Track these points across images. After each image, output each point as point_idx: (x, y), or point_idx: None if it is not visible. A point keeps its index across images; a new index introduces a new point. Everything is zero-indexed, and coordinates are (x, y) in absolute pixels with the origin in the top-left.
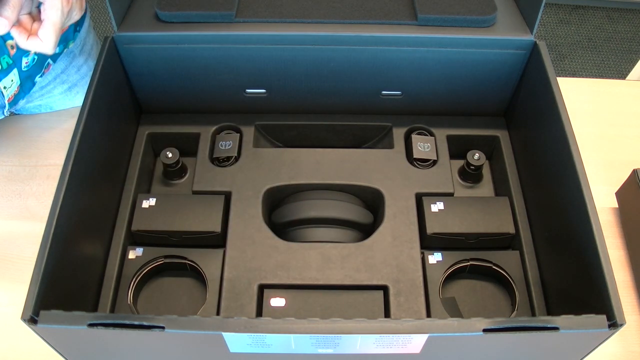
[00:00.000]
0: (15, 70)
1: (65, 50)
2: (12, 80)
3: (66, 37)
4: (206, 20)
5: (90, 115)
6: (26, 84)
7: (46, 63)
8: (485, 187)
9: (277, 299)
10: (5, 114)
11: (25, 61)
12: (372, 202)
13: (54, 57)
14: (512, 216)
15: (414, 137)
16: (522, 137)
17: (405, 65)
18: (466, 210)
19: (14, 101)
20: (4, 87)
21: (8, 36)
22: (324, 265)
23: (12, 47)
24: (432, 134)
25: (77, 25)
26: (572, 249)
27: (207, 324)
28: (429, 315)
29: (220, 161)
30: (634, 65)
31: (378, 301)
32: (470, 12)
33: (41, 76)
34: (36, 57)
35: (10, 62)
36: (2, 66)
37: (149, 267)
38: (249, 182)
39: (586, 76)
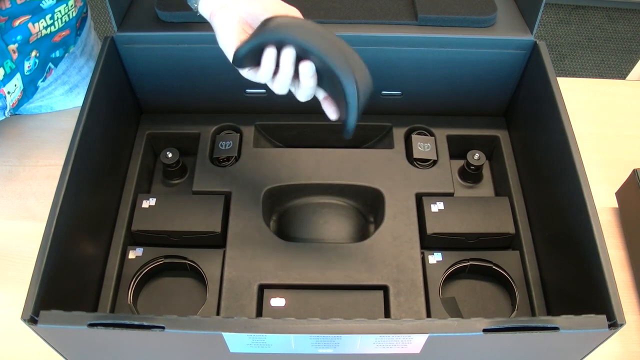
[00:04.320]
0: (18, 75)
1: (66, 54)
2: (15, 85)
3: (66, 42)
4: (206, 20)
5: (90, 116)
6: (29, 89)
7: (47, 67)
8: (485, 187)
9: (277, 299)
10: (6, 114)
11: (27, 65)
12: (372, 202)
13: (56, 62)
14: (512, 216)
15: (414, 137)
16: (522, 137)
17: (405, 65)
18: (466, 210)
19: (18, 105)
20: (8, 92)
21: (10, 40)
22: (324, 265)
23: (14, 51)
24: (432, 134)
25: (79, 29)
26: (572, 249)
27: (207, 324)
28: (429, 315)
29: (220, 161)
30: (634, 65)
31: (378, 301)
32: (470, 12)
33: (43, 80)
34: (37, 61)
35: (13, 66)
36: (5, 71)
37: (149, 267)
38: (249, 182)
39: (586, 76)
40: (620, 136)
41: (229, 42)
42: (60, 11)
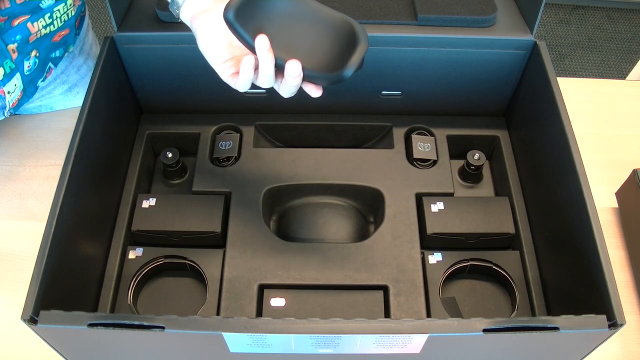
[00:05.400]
0: (18, 75)
1: (65, 53)
2: (15, 85)
3: (66, 41)
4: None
5: (90, 116)
6: (29, 89)
7: (47, 67)
8: (485, 187)
9: (277, 299)
10: (5, 114)
11: (27, 65)
12: (372, 202)
13: (55, 61)
14: (512, 216)
15: (414, 137)
16: (522, 137)
17: (405, 65)
18: (466, 210)
19: (18, 105)
20: (8, 92)
21: (9, 40)
22: (324, 265)
23: (14, 51)
24: (432, 134)
25: (77, 28)
26: (572, 249)
27: (207, 324)
28: (429, 315)
29: (220, 161)
30: (634, 65)
31: (378, 301)
32: (470, 12)
33: (43, 80)
34: (37, 61)
35: (13, 66)
36: (5, 71)
37: (149, 267)
38: (249, 182)
39: (586, 76)
40: (620, 136)
41: (210, 45)
42: (59, 10)
